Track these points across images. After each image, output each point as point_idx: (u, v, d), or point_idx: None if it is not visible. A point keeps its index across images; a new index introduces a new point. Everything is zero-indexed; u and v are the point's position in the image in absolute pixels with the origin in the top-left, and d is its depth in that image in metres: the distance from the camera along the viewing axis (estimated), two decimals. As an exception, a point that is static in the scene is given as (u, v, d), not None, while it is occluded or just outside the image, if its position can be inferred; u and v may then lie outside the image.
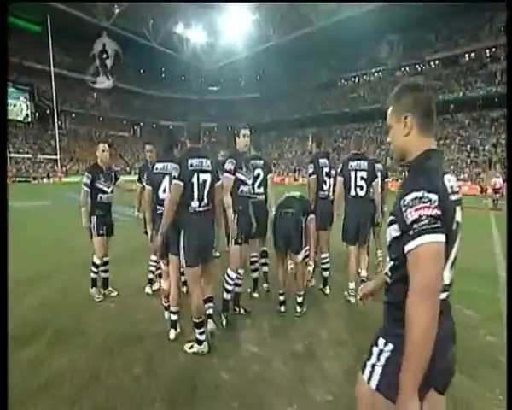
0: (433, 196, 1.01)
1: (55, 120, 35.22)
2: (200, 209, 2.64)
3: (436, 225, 0.99)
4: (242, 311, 3.51)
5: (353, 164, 3.79)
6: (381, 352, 1.16)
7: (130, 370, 2.52)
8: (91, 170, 3.80)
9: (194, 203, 2.61)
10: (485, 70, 34.89)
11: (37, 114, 40.74)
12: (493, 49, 35.00)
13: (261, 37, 40.05)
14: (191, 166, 2.60)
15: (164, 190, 3.00)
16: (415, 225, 1.00)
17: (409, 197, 1.04)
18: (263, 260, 4.32)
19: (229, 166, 3.17)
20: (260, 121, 49.89)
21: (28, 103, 39.85)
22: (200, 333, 2.70)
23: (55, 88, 33.97)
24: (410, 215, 1.02)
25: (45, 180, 33.40)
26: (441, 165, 1.16)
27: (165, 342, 2.92)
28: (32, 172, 34.31)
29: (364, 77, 44.46)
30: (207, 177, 2.67)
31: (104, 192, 3.82)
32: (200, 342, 2.72)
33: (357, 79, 45.22)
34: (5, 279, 1.37)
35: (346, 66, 44.12)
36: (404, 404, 1.01)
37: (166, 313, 3.22)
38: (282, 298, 3.54)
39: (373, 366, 1.17)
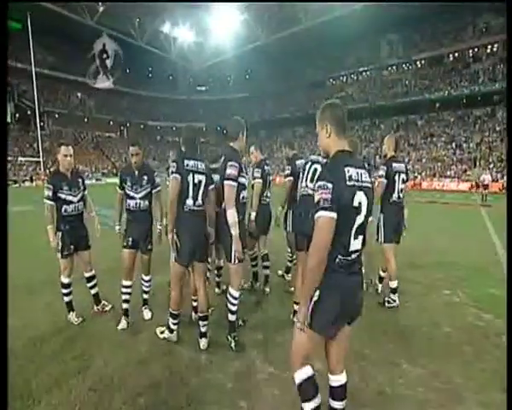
0: (330, 185, 1.47)
1: (37, 121, 34.03)
2: (195, 208, 2.72)
3: (328, 205, 1.45)
4: (241, 322, 3.28)
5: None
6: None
7: (134, 402, 2.23)
8: (51, 179, 3.13)
9: (189, 201, 2.68)
10: (468, 70, 35.76)
11: (17, 115, 39.38)
12: (476, 50, 35.94)
13: (249, 36, 39.87)
14: (187, 166, 2.67)
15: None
16: (317, 204, 1.48)
17: (317, 184, 1.52)
18: (265, 264, 4.24)
19: (231, 171, 2.60)
20: (249, 121, 49.46)
21: (8, 104, 38.45)
22: (174, 324, 2.91)
23: (36, 88, 32.77)
24: (316, 197, 1.50)
25: (27, 183, 32.23)
26: (346, 161, 1.57)
27: (172, 366, 2.63)
28: (12, 176, 33.07)
29: (352, 76, 44.82)
30: (202, 178, 2.74)
31: (69, 203, 3.17)
32: (171, 331, 2.93)
33: (345, 78, 45.54)
34: (5, 281, 1.35)
35: (334, 65, 44.39)
36: (300, 307, 1.58)
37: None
38: (296, 307, 3.37)
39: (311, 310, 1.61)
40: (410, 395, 2.31)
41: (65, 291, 3.31)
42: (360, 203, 1.54)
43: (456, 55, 37.32)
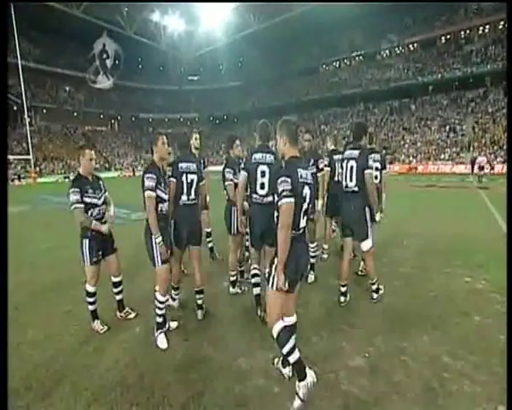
0: (288, 179, 2.05)
1: (25, 116, 33.04)
2: (189, 202, 3.22)
3: (289, 194, 2.03)
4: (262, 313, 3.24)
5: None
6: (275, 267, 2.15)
7: None
8: (76, 183, 2.98)
9: (184, 197, 3.19)
10: (461, 51, 35.67)
11: (3, 111, 38.12)
12: (468, 32, 35.83)
13: (241, 24, 39.08)
14: (181, 168, 3.18)
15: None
16: (280, 194, 2.05)
17: (279, 180, 2.08)
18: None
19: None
20: (242, 110, 49.11)
21: (-7, 100, 37.14)
22: (176, 294, 3.64)
23: (23, 82, 31.68)
24: (279, 188, 2.07)
25: (16, 182, 31.35)
26: (298, 164, 2.19)
27: (211, 373, 2.55)
28: None
29: (345, 61, 44.37)
30: (194, 177, 3.23)
31: (95, 206, 3.06)
32: (173, 300, 3.63)
33: (338, 63, 45.07)
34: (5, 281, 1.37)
35: (326, 51, 43.89)
36: (277, 275, 2.10)
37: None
38: (343, 289, 3.61)
39: (273, 277, 2.16)
40: (458, 390, 2.28)
41: (90, 300, 3.17)
42: (306, 194, 2.17)
43: (449, 37, 37.21)
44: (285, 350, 2.17)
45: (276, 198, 2.11)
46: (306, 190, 2.17)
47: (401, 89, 37.59)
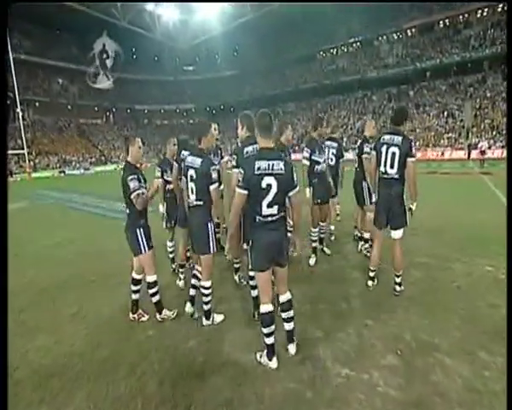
0: (243, 172, 2.25)
1: (18, 110, 32.29)
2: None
3: (240, 185, 2.26)
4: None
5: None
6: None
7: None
8: (133, 169, 2.97)
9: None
10: (459, 36, 35.17)
11: (-7, 106, 37.31)
12: (466, 16, 35.26)
13: (236, 12, 38.12)
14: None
15: None
16: (237, 183, 2.30)
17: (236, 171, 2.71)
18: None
19: None
20: (239, 99, 48.39)
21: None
22: (181, 272, 4.00)
23: (14, 75, 30.84)
24: (238, 176, 2.32)
25: (10, 178, 30.75)
26: (262, 155, 2.30)
27: (237, 377, 2.38)
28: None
29: (343, 48, 43.60)
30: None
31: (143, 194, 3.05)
32: (179, 279, 3.99)
33: (335, 50, 44.29)
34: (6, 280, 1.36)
35: (323, 38, 43.00)
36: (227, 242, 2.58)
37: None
38: (371, 274, 3.64)
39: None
40: (503, 390, 2.14)
41: (153, 291, 3.13)
42: (268, 184, 2.22)
43: (447, 21, 36.60)
44: (264, 330, 2.42)
45: None
46: (268, 181, 2.22)
47: (399, 75, 37.10)
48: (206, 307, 3.02)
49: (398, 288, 3.51)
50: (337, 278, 4.03)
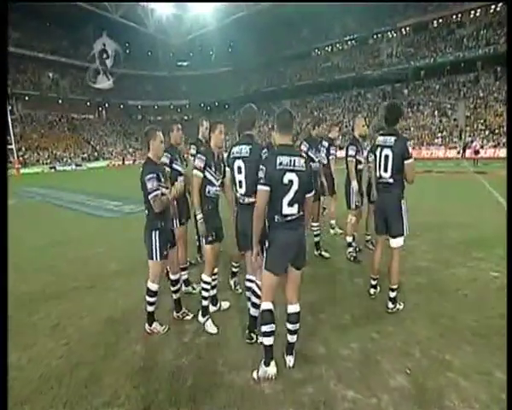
0: (264, 168, 2.14)
1: (7, 104, 31.43)
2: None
3: (262, 181, 2.14)
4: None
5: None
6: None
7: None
8: (151, 167, 2.70)
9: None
10: (452, 36, 35.32)
11: (-19, 100, 36.33)
12: (459, 16, 35.39)
13: (231, 7, 37.61)
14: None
15: None
16: (258, 181, 2.17)
17: (259, 167, 2.20)
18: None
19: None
20: (233, 95, 47.98)
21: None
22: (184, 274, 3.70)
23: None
24: (259, 174, 2.17)
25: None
26: (282, 151, 2.19)
27: (231, 400, 2.16)
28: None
29: (338, 46, 43.48)
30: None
31: (163, 195, 2.78)
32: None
33: (330, 48, 44.14)
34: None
35: (318, 35, 42.87)
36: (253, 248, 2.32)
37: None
38: (373, 282, 3.47)
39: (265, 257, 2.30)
40: (525, 417, 1.94)
41: (151, 300, 2.86)
42: (290, 180, 2.13)
43: (441, 21, 36.72)
44: (263, 328, 2.29)
45: None
46: (290, 177, 2.13)
47: (394, 73, 37.14)
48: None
49: (390, 305, 3.16)
50: (338, 284, 3.82)
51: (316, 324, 2.98)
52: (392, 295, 3.15)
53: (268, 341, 2.30)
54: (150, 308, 2.89)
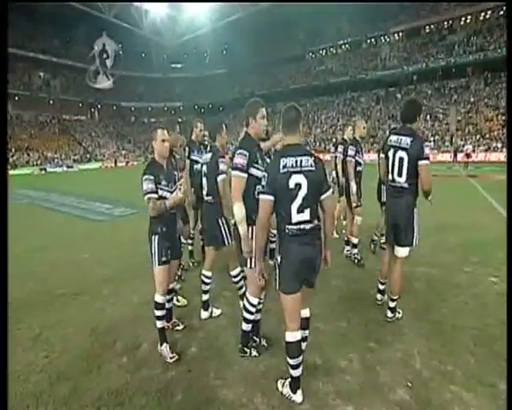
0: (266, 174, 1.94)
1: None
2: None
3: (264, 190, 1.93)
4: (264, 342, 2.69)
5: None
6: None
7: None
8: (150, 169, 2.50)
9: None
10: (444, 42, 35.84)
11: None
12: (450, 22, 35.96)
13: (225, 10, 37.60)
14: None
15: None
16: (261, 189, 2.00)
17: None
18: None
19: (239, 160, 2.26)
20: (228, 98, 47.92)
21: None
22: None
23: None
24: (262, 181, 2.02)
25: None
26: (287, 152, 1.94)
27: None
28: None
29: (332, 49, 43.76)
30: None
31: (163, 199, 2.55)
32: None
33: (324, 51, 44.41)
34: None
35: (312, 38, 43.14)
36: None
37: None
38: (381, 287, 3.33)
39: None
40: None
41: (159, 314, 2.58)
42: (296, 184, 1.88)
43: (433, 27, 37.26)
44: (291, 362, 2.05)
45: None
46: (297, 179, 1.88)
47: (387, 78, 37.53)
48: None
49: (389, 314, 3.03)
50: (333, 291, 3.70)
51: (312, 333, 2.84)
52: (392, 305, 3.04)
53: (296, 373, 2.07)
54: (159, 324, 2.60)
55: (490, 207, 7.75)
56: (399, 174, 2.83)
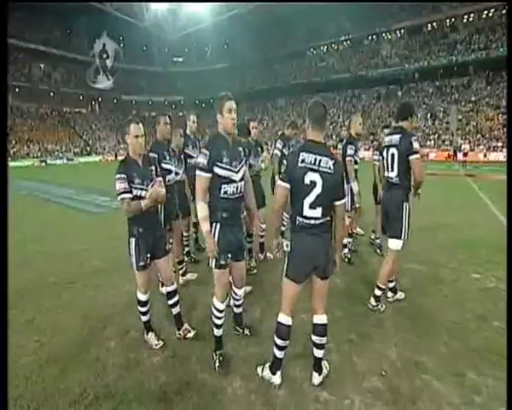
0: (286, 163, 2.03)
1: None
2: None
3: (282, 176, 2.03)
4: (247, 331, 2.79)
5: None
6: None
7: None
8: (123, 167, 2.37)
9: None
10: (446, 40, 35.61)
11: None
12: (452, 20, 35.71)
13: (227, 4, 37.39)
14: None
15: None
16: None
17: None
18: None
19: (201, 159, 2.19)
20: (229, 93, 47.73)
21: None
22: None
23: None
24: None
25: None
26: (307, 148, 2.00)
27: (201, 401, 2.12)
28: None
29: (333, 46, 43.55)
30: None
31: (141, 199, 2.40)
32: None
33: (325, 47, 44.18)
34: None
35: (314, 34, 42.86)
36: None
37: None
38: (390, 285, 3.37)
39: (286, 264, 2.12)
40: (495, 420, 1.94)
41: (142, 310, 2.64)
42: (311, 181, 1.94)
43: (435, 24, 37.00)
44: (277, 341, 2.17)
45: None
46: (312, 177, 1.93)
47: (388, 75, 37.36)
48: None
49: (373, 301, 3.17)
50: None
51: (294, 324, 2.95)
52: (378, 293, 3.16)
53: (280, 354, 2.19)
54: (144, 318, 2.68)
55: (483, 207, 7.82)
56: (391, 170, 3.05)
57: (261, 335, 2.76)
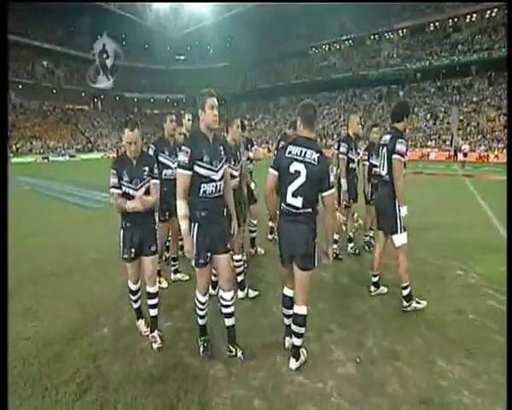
0: (276, 153, 2.36)
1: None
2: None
3: (271, 164, 2.26)
4: (240, 354, 2.60)
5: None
6: None
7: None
8: (116, 164, 2.48)
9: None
10: (448, 40, 35.51)
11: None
12: (455, 20, 35.59)
13: (228, 2, 37.43)
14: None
15: None
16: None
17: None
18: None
19: (181, 157, 2.20)
20: (230, 91, 47.85)
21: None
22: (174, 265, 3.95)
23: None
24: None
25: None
26: (296, 141, 2.21)
27: (184, 382, 2.28)
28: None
29: (335, 45, 43.53)
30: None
31: (130, 198, 2.49)
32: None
33: (327, 46, 44.18)
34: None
35: (316, 33, 42.82)
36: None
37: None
38: (374, 279, 3.50)
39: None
40: (458, 402, 2.08)
41: (132, 298, 2.78)
42: (296, 170, 2.12)
43: (437, 24, 36.89)
44: (283, 311, 2.53)
45: None
46: (296, 167, 2.12)
47: (390, 75, 37.33)
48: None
49: (404, 303, 3.16)
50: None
51: (276, 313, 3.09)
52: (405, 292, 3.14)
53: (287, 321, 2.51)
54: (134, 305, 2.81)
55: (477, 208, 7.89)
56: (383, 168, 3.19)
57: (248, 324, 2.90)
